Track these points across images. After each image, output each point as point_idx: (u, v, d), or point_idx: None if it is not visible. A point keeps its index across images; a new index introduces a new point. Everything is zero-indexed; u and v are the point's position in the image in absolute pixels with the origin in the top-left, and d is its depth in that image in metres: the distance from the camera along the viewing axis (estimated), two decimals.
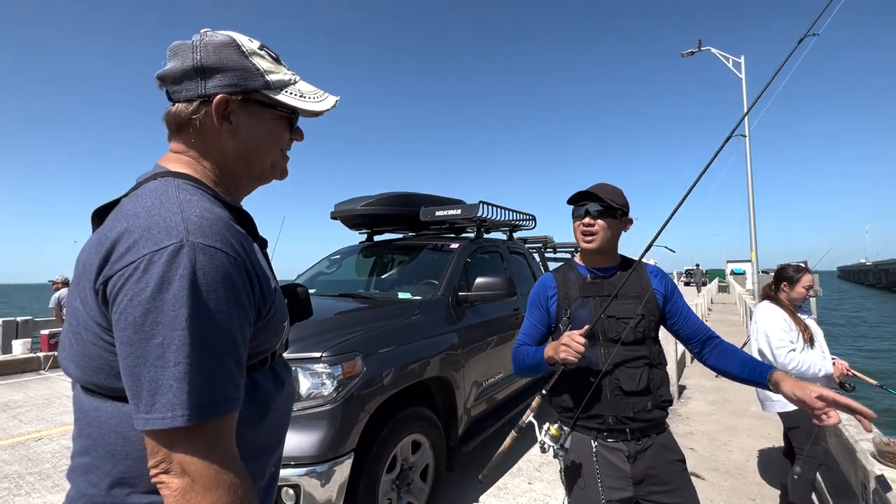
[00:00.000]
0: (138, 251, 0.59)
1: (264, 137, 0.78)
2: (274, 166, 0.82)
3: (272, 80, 0.76)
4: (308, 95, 0.80)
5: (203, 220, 0.63)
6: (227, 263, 0.62)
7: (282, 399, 0.79)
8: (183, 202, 0.65)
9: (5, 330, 8.33)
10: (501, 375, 3.44)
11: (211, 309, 0.59)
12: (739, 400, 4.96)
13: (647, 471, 1.33)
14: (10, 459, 3.59)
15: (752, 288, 13.53)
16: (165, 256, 0.58)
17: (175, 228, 0.60)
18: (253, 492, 0.63)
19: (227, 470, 0.59)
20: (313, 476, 1.85)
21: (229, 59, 0.73)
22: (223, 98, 0.72)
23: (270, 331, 0.73)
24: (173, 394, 0.55)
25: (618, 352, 1.36)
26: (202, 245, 0.60)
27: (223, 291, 0.61)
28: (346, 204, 3.92)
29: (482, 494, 2.88)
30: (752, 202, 12.33)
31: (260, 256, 0.74)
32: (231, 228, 0.67)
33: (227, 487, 0.58)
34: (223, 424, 0.60)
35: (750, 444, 3.71)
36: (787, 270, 2.64)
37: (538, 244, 6.16)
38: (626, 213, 1.46)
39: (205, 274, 0.59)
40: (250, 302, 0.66)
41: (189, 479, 0.56)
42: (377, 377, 2.16)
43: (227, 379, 0.60)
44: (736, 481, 3.07)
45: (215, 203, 0.70)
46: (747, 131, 12.47)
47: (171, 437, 0.57)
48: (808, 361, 2.40)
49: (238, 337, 0.63)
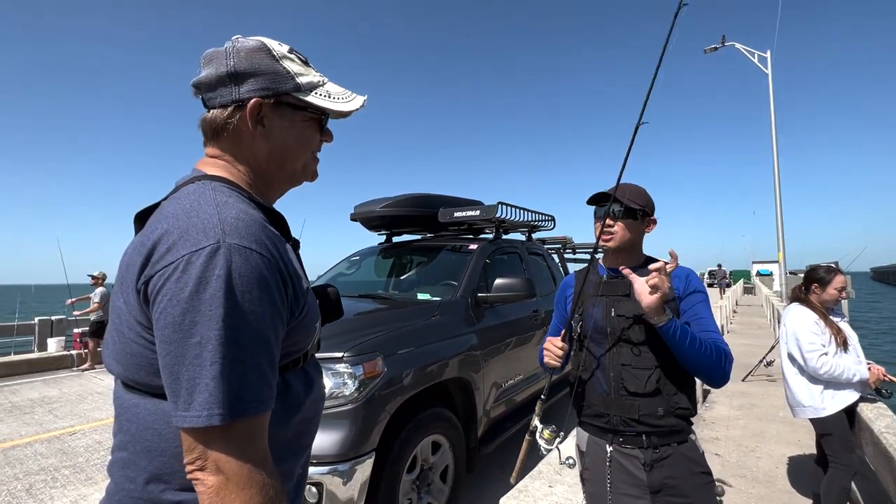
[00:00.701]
0: (177, 252, 0.60)
1: (296, 139, 0.79)
2: (305, 168, 0.84)
3: (302, 83, 0.77)
4: (336, 96, 0.81)
5: (239, 221, 0.64)
6: (262, 264, 0.63)
7: (311, 400, 0.79)
8: (220, 204, 0.66)
9: (41, 328, 8.70)
10: (521, 377, 3.42)
11: (246, 310, 0.60)
12: (767, 405, 4.81)
13: (665, 480, 1.28)
14: (47, 453, 3.74)
15: (779, 290, 13.10)
16: (203, 257, 0.59)
17: (213, 229, 0.62)
18: (283, 493, 0.63)
19: (259, 469, 0.60)
20: (335, 475, 1.87)
21: (261, 64, 0.74)
22: (257, 102, 0.73)
23: (303, 331, 0.74)
24: (210, 392, 0.57)
25: (625, 351, 1.33)
26: (238, 246, 0.61)
27: (258, 292, 0.62)
28: (365, 206, 3.96)
29: (502, 497, 2.86)
30: (779, 200, 11.95)
31: (292, 257, 0.74)
32: (265, 230, 0.68)
33: (259, 487, 0.59)
34: (256, 424, 0.61)
35: (779, 451, 3.59)
36: (818, 271, 2.55)
37: (557, 245, 6.09)
38: (650, 214, 1.42)
39: (241, 275, 0.60)
40: (283, 303, 0.67)
41: (224, 477, 0.58)
42: (397, 377, 2.17)
43: (261, 379, 0.61)
44: (764, 489, 2.98)
45: (250, 205, 0.72)
46: (773, 131, 12.10)
47: (207, 436, 0.58)
48: (841, 366, 2.31)
49: (271, 337, 0.63)
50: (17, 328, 8.73)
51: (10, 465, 3.48)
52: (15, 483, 3.18)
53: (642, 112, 1.38)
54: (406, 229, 4.37)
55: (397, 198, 3.84)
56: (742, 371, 6.14)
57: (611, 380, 1.34)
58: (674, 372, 1.32)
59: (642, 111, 1.39)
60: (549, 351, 1.35)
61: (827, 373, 2.35)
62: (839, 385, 2.37)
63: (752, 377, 5.91)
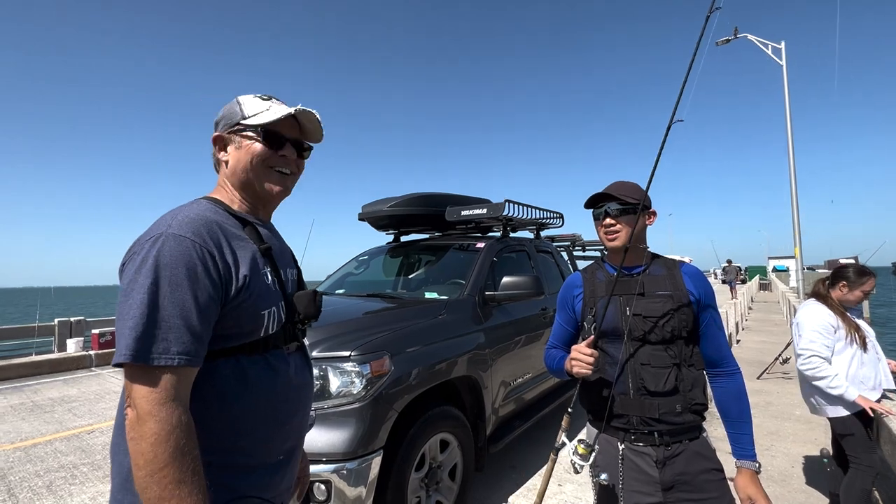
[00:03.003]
0: (139, 242, 0.80)
1: (244, 155, 0.97)
2: (264, 182, 0.99)
3: (247, 112, 0.98)
4: (269, 112, 0.97)
5: (187, 218, 0.83)
6: (191, 248, 0.79)
7: (276, 387, 0.91)
8: (186, 209, 0.86)
9: (60, 329, 8.91)
10: (530, 375, 3.41)
11: (170, 280, 0.76)
12: (783, 403, 4.72)
13: (677, 477, 1.28)
14: (66, 450, 3.84)
15: (796, 286, 12.83)
16: (150, 243, 0.79)
17: (164, 224, 0.81)
18: (190, 436, 0.74)
19: (163, 408, 0.71)
20: (343, 472, 1.88)
21: (226, 110, 1.00)
22: (216, 135, 1.00)
23: (244, 316, 0.86)
24: (126, 339, 0.72)
25: (644, 351, 1.33)
26: (174, 234, 0.79)
27: (183, 268, 0.78)
28: (372, 205, 3.97)
29: (512, 495, 2.86)
30: (794, 194, 11.70)
31: (246, 254, 0.89)
32: (209, 227, 0.84)
33: (159, 421, 0.70)
34: (169, 373, 0.73)
35: (795, 450, 3.53)
36: (847, 271, 2.46)
37: (566, 243, 6.05)
38: (648, 207, 1.42)
39: (170, 254, 0.77)
40: (211, 281, 0.81)
41: (135, 412, 0.72)
42: (405, 376, 2.18)
43: (173, 336, 0.74)
44: (780, 488, 2.93)
45: (218, 213, 0.90)
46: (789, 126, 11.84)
47: (129, 375, 0.73)
48: (829, 374, 2.27)
49: (190, 304, 0.77)
50: (38, 329, 8.95)
51: (31, 463, 3.58)
52: (36, 480, 3.27)
53: (675, 109, 1.35)
54: (414, 228, 4.38)
55: (405, 197, 3.85)
56: (757, 369, 6.04)
57: (629, 380, 1.33)
58: (688, 368, 1.33)
59: (675, 108, 1.35)
60: (578, 360, 1.29)
61: (810, 372, 2.32)
62: (859, 385, 2.31)
63: (767, 374, 5.81)
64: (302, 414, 0.99)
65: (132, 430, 0.71)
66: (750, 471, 1.30)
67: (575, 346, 1.33)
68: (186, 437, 0.72)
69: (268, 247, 0.96)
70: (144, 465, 0.69)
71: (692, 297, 1.36)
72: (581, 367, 1.28)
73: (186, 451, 0.72)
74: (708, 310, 1.38)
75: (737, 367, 1.40)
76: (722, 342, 1.39)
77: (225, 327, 0.83)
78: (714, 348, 1.38)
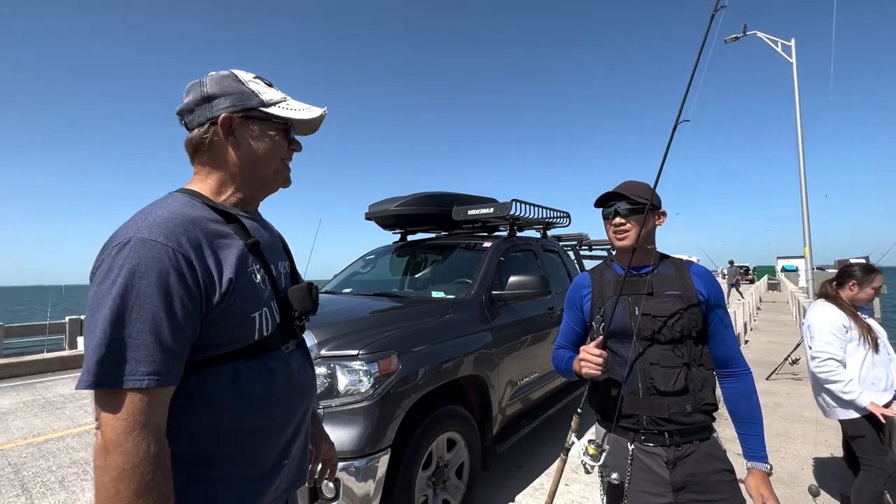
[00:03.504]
0: (107, 247, 0.73)
1: (264, 146, 0.91)
2: (277, 174, 0.95)
3: (266, 99, 0.90)
4: (297, 108, 0.93)
5: (160, 219, 0.74)
6: (163, 253, 0.71)
7: (274, 390, 0.85)
8: (158, 206, 0.78)
9: (71, 327, 9.04)
10: (536, 375, 3.41)
11: (138, 293, 0.68)
12: (792, 404, 4.68)
13: (687, 478, 1.28)
14: (78, 447, 3.89)
15: (805, 286, 12.69)
16: (116, 249, 0.71)
17: (134, 227, 0.73)
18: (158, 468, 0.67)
19: (129, 438, 0.65)
20: (352, 470, 1.90)
21: (229, 87, 0.88)
22: (227, 116, 0.87)
23: (232, 321, 0.79)
24: (88, 360, 0.66)
25: (653, 350, 1.32)
26: (143, 239, 0.71)
27: (154, 278, 0.70)
28: (379, 205, 3.98)
29: (519, 494, 2.86)
30: (804, 193, 11.57)
31: (232, 253, 0.82)
32: (185, 227, 0.76)
33: (123, 453, 0.65)
34: (139, 396, 0.67)
35: (804, 452, 3.49)
36: (854, 269, 2.44)
37: (573, 242, 6.03)
38: (658, 207, 1.41)
39: (139, 262, 0.69)
40: (188, 289, 0.73)
41: (101, 440, 0.66)
42: (412, 375, 2.19)
43: (142, 354, 0.67)
44: (789, 490, 2.90)
45: (197, 208, 0.82)
46: (798, 124, 11.71)
47: (96, 399, 0.67)
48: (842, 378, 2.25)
49: (161, 317, 0.69)
50: (49, 327, 9.08)
51: (44, 458, 3.63)
52: (49, 475, 3.32)
53: (681, 109, 1.34)
54: (420, 228, 4.39)
55: (411, 196, 3.86)
56: (766, 369, 5.98)
57: (639, 380, 1.33)
58: (698, 368, 1.33)
59: (681, 108, 1.34)
60: (587, 361, 1.28)
61: (825, 375, 2.30)
62: (870, 386, 2.29)
63: (776, 375, 5.75)
64: (304, 413, 0.94)
65: (98, 459, 0.66)
66: (762, 472, 1.29)
67: (584, 347, 1.32)
68: (153, 471, 0.66)
69: (255, 241, 0.88)
70: (106, 501, 0.64)
71: (701, 297, 1.36)
72: (590, 368, 1.28)
73: (153, 486, 0.66)
74: (717, 310, 1.38)
75: (746, 368, 1.39)
76: (731, 342, 1.39)
77: (213, 335, 0.77)
78: (723, 348, 1.38)
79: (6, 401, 5.48)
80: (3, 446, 3.91)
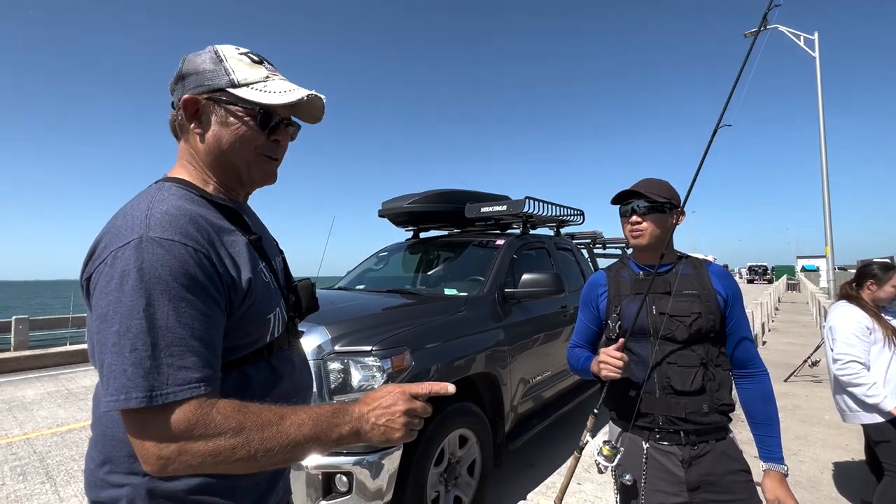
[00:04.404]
0: (107, 248, 0.64)
1: (230, 135, 0.78)
2: (251, 169, 0.82)
3: (237, 79, 0.77)
4: (275, 91, 0.79)
5: (166, 215, 0.67)
6: (186, 254, 0.65)
7: (280, 393, 0.80)
8: (155, 201, 0.69)
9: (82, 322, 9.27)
10: (549, 373, 3.39)
11: (166, 298, 0.62)
12: (812, 407, 4.57)
13: (703, 477, 1.27)
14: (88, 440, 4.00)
15: (826, 286, 12.37)
16: (127, 251, 0.62)
17: (138, 225, 0.65)
18: (235, 413, 0.63)
19: (202, 443, 0.60)
20: (364, 465, 1.92)
21: (202, 65, 0.77)
22: (189, 98, 0.77)
23: (251, 323, 0.75)
24: (128, 378, 0.58)
25: (671, 350, 1.31)
26: (159, 238, 0.64)
27: (183, 280, 0.63)
28: (392, 202, 4.00)
29: (530, 492, 2.86)
30: (826, 191, 11.27)
31: (240, 250, 0.75)
32: (196, 223, 0.69)
33: (196, 454, 0.59)
34: (185, 407, 0.60)
35: (824, 456, 3.42)
36: (872, 268, 2.38)
37: (587, 240, 5.98)
38: (676, 206, 1.39)
39: (162, 265, 0.62)
40: (216, 289, 0.68)
41: (163, 460, 0.59)
42: (425, 371, 2.20)
43: (192, 362, 0.62)
44: (808, 494, 2.85)
45: (196, 202, 0.74)
46: (821, 118, 11.40)
47: (136, 421, 0.60)
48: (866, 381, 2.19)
49: (198, 322, 0.64)
50: (72, 320, 9.34)
51: (67, 447, 3.75)
52: (72, 464, 3.42)
53: (722, 114, 1.31)
54: (433, 225, 4.39)
55: (424, 194, 3.86)
56: (784, 371, 5.86)
57: (655, 379, 1.32)
58: (715, 368, 1.31)
59: (722, 113, 1.31)
60: (607, 364, 1.27)
61: (848, 378, 2.24)
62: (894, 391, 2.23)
63: (795, 377, 5.63)
64: None
65: (183, 472, 0.60)
66: (778, 473, 1.28)
67: (604, 350, 1.31)
68: (236, 415, 0.62)
69: (258, 237, 0.82)
70: (244, 460, 0.61)
71: (719, 297, 1.34)
72: (610, 371, 1.27)
73: (247, 419, 0.62)
74: (735, 310, 1.36)
75: (764, 369, 1.38)
76: (748, 343, 1.37)
77: (231, 339, 0.72)
78: (740, 349, 1.36)
79: (31, 391, 5.67)
80: (28, 435, 4.04)
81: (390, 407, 0.72)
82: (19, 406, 4.99)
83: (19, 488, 3.03)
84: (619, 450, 1.32)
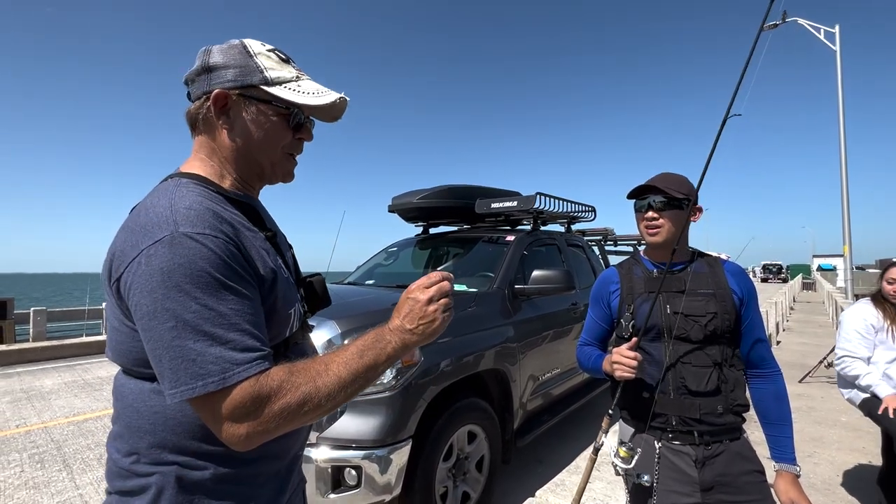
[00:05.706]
0: (137, 247, 0.65)
1: (261, 133, 0.79)
2: (275, 166, 0.83)
3: (271, 77, 0.78)
4: (309, 92, 0.80)
5: (190, 211, 0.67)
6: (220, 245, 0.67)
7: None
8: (175, 198, 0.70)
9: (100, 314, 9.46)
10: (558, 371, 3.37)
11: (213, 288, 0.64)
12: (827, 408, 4.49)
13: (717, 478, 1.25)
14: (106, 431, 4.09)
15: (844, 286, 12.11)
16: (161, 248, 0.63)
17: (166, 222, 0.65)
18: (298, 373, 0.68)
19: (275, 409, 0.64)
20: (373, 459, 1.92)
21: (232, 59, 0.77)
22: (220, 92, 0.76)
23: (273, 320, 0.76)
24: (198, 366, 0.61)
25: (685, 350, 1.29)
26: (192, 233, 0.65)
27: (223, 270, 0.66)
28: (402, 197, 3.99)
29: (539, 489, 2.85)
30: (845, 189, 11.01)
31: (257, 244, 0.76)
32: (218, 217, 0.70)
33: (283, 418, 0.64)
34: (249, 385, 0.63)
35: (840, 458, 3.35)
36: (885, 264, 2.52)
37: (598, 237, 5.92)
38: (694, 203, 1.35)
39: (201, 258, 0.64)
40: (251, 276, 0.71)
41: (244, 434, 0.63)
42: (434, 367, 2.20)
43: (245, 345, 0.65)
44: (823, 497, 2.80)
45: (213, 198, 0.74)
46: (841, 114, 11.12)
47: (210, 403, 0.63)
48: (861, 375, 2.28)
49: (244, 307, 0.67)
50: (88, 312, 9.53)
51: (83, 436, 3.83)
52: (88, 452, 3.50)
53: (731, 103, 1.27)
54: (443, 220, 4.38)
55: (434, 189, 3.85)
56: (799, 372, 5.76)
57: (669, 379, 1.30)
58: (730, 368, 1.29)
59: (731, 102, 1.27)
60: (621, 364, 1.25)
61: (842, 372, 2.37)
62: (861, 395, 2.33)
63: (810, 378, 5.54)
64: None
65: (271, 434, 0.65)
66: (791, 474, 1.26)
67: (617, 349, 1.29)
68: (290, 377, 0.66)
69: (273, 233, 0.83)
70: (313, 410, 0.67)
71: (735, 296, 1.32)
72: (624, 371, 1.25)
73: (299, 377, 0.67)
74: (750, 309, 1.34)
75: (777, 369, 1.35)
76: (762, 342, 1.35)
77: None
78: (754, 349, 1.34)
79: (49, 381, 5.80)
80: (46, 424, 4.14)
81: (415, 307, 0.79)
82: (38, 395, 5.11)
83: (37, 475, 3.11)
84: (637, 451, 1.29)
